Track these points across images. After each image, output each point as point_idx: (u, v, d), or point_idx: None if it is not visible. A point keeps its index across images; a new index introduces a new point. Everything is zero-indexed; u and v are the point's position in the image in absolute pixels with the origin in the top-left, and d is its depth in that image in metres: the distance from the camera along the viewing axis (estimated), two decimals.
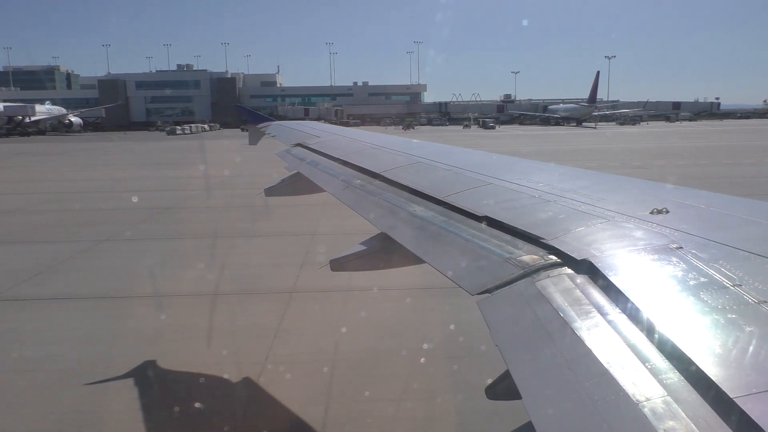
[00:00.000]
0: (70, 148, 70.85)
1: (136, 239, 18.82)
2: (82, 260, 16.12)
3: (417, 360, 9.23)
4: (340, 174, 6.15)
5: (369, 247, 4.37)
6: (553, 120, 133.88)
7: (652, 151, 52.74)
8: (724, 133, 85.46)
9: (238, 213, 23.07)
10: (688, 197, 3.50)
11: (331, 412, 7.84)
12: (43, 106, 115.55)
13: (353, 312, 11.35)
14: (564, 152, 52.39)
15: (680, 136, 79.30)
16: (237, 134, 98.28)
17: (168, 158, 52.92)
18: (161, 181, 34.15)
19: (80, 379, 8.74)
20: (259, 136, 12.83)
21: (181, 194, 28.54)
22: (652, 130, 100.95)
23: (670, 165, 38.51)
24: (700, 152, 50.59)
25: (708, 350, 1.75)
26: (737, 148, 55.17)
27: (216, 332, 10.60)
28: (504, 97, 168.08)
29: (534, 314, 2.28)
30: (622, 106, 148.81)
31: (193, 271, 14.36)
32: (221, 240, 18.35)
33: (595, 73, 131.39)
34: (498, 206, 3.63)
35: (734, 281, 2.10)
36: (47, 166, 47.25)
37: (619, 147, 59.18)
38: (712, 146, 57.91)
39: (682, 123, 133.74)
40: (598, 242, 2.69)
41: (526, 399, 1.84)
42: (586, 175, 4.66)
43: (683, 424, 1.52)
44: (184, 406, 7.98)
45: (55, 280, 14.22)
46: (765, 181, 30.12)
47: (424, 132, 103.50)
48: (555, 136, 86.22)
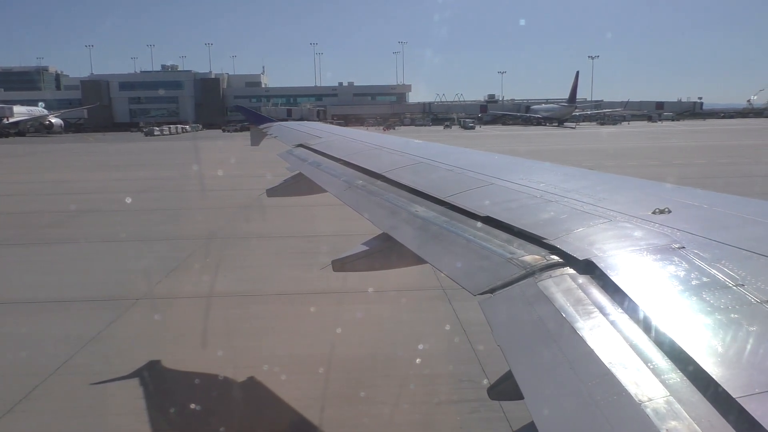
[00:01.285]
0: (40, 149, 70.98)
1: (25, 244, 18.61)
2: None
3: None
4: (342, 174, 6.15)
5: (371, 248, 4.37)
6: (534, 120, 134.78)
7: (611, 151, 52.48)
8: (698, 133, 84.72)
9: (156, 216, 23.21)
10: (691, 197, 3.49)
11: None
12: (22, 107, 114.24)
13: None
14: (523, 153, 51.82)
15: (651, 136, 78.53)
16: (217, 135, 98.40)
17: (129, 160, 53.22)
18: (101, 184, 34.18)
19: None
20: (260, 137, 12.82)
21: (108, 197, 28.41)
22: (629, 130, 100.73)
23: (619, 166, 38.12)
24: (657, 153, 50.10)
25: (710, 350, 1.74)
26: (699, 148, 54.89)
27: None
28: (488, 97, 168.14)
29: (536, 314, 2.28)
30: (606, 106, 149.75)
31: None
32: (94, 245, 18.18)
33: (575, 74, 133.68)
34: (500, 206, 3.63)
35: (737, 281, 2.10)
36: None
37: (582, 147, 58.84)
38: (674, 147, 57.56)
39: (663, 123, 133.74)
40: (600, 242, 2.68)
41: (528, 399, 1.84)
42: (588, 174, 4.66)
43: (686, 424, 1.52)
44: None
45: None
46: (695, 182, 29.63)
47: (403, 132, 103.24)
48: (528, 136, 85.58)
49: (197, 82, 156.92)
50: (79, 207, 24.99)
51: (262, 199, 23.57)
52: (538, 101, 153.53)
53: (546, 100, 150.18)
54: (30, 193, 31.25)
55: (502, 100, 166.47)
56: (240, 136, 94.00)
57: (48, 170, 44.69)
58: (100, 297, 12.75)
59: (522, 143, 66.50)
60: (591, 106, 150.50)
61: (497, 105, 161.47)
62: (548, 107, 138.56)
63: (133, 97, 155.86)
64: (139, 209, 24.53)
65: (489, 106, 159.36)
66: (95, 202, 26.64)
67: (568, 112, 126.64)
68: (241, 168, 37.09)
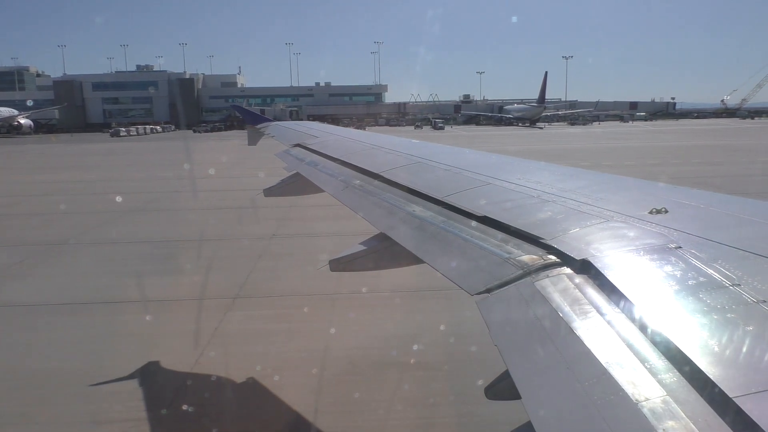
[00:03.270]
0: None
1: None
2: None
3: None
4: (340, 174, 6.15)
5: (368, 247, 4.37)
6: (505, 120, 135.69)
7: (552, 152, 51.88)
8: (660, 133, 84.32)
9: (46, 219, 23.10)
10: (687, 197, 3.50)
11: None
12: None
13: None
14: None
15: (609, 137, 77.92)
16: (186, 136, 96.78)
17: (66, 162, 52.51)
18: (20, 187, 34.00)
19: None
20: (258, 137, 12.80)
21: (20, 200, 28.27)
22: (593, 130, 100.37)
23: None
24: (595, 154, 49.70)
25: (707, 350, 1.75)
26: (643, 149, 54.71)
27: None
28: (463, 98, 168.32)
29: (533, 314, 2.28)
30: (580, 106, 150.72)
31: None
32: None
33: (544, 74, 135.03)
34: (497, 206, 3.63)
35: (733, 281, 2.10)
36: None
37: (534, 148, 58.54)
38: (619, 148, 57.34)
39: (633, 123, 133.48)
40: (597, 242, 2.69)
41: (525, 399, 1.84)
42: (585, 174, 4.66)
43: (683, 423, 1.52)
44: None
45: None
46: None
47: (374, 132, 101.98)
48: (491, 136, 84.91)
49: (171, 82, 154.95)
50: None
51: (117, 204, 24.35)
52: (511, 101, 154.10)
53: (520, 100, 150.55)
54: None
55: (474, 100, 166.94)
56: (209, 137, 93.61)
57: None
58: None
59: (479, 143, 65.68)
60: (565, 105, 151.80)
61: (471, 105, 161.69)
62: (519, 107, 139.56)
63: (107, 97, 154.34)
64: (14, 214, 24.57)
65: (463, 107, 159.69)
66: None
67: (537, 113, 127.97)
68: (160, 171, 38.42)
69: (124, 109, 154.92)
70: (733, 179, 29.82)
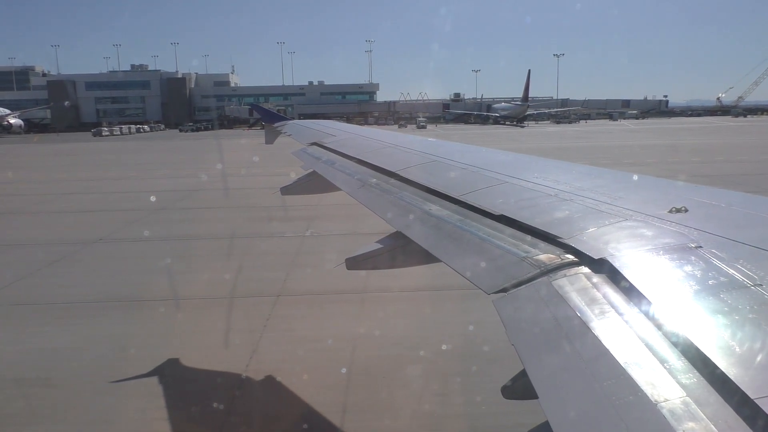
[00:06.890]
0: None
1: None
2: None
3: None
4: (356, 173, 6.15)
5: (384, 246, 4.37)
6: (492, 119, 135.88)
7: (526, 151, 49.95)
8: (639, 132, 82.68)
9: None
10: (708, 196, 3.45)
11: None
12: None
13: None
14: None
15: (585, 135, 76.53)
16: (172, 135, 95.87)
17: (24, 162, 52.40)
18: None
19: None
20: (275, 135, 12.85)
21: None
22: (574, 129, 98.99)
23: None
24: (558, 153, 48.46)
25: (727, 350, 1.72)
26: (609, 148, 53.65)
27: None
28: (454, 96, 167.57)
29: (550, 313, 2.26)
30: (572, 104, 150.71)
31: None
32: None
33: (527, 72, 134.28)
34: (514, 205, 3.61)
35: (755, 281, 2.07)
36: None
37: (504, 147, 57.24)
38: (586, 147, 55.95)
39: (622, 121, 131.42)
40: (615, 241, 2.66)
41: (542, 399, 1.83)
42: (603, 173, 4.62)
43: (703, 425, 1.50)
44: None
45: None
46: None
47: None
48: (469, 135, 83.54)
49: (163, 81, 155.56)
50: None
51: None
52: (499, 100, 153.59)
53: (510, 99, 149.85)
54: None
55: (464, 99, 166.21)
56: (192, 136, 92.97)
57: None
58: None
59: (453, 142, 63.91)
60: (557, 104, 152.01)
61: (460, 104, 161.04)
62: (505, 106, 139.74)
63: (100, 96, 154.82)
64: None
65: (452, 105, 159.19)
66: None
67: (521, 111, 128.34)
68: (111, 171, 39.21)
69: (117, 109, 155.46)
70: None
